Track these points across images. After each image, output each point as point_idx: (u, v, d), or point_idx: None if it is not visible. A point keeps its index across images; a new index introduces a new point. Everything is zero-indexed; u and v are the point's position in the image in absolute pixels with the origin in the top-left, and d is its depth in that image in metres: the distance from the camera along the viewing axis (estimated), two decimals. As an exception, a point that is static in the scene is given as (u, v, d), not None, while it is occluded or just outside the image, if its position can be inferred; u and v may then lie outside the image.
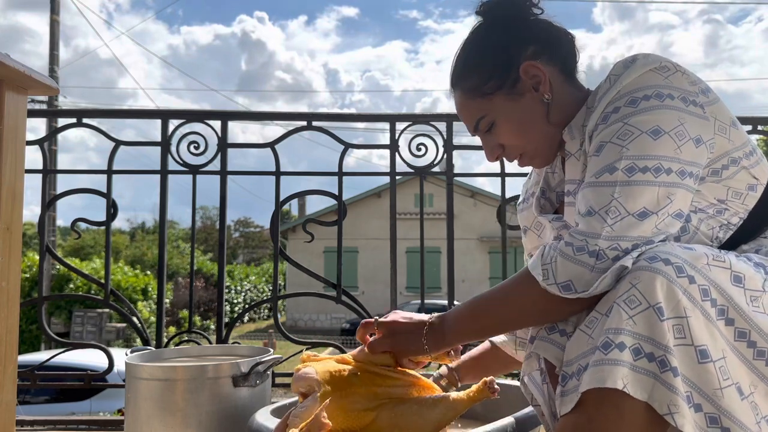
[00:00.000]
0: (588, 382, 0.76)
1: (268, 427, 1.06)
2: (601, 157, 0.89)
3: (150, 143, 2.03)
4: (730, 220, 0.94)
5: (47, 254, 1.98)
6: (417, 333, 1.01)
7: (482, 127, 1.06)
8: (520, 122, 1.03)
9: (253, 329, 19.80)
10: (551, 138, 1.05)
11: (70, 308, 11.69)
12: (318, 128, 2.01)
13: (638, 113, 0.89)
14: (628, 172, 0.86)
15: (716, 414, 0.74)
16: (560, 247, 0.87)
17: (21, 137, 1.09)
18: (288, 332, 1.99)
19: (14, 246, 1.06)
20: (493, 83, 1.02)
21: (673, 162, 0.86)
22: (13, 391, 1.06)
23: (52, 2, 12.30)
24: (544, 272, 0.87)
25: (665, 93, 0.89)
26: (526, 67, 1.01)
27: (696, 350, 0.75)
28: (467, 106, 1.07)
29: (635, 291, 0.77)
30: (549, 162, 1.10)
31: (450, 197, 2.04)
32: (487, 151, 1.09)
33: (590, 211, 0.87)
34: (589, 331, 0.82)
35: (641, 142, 0.87)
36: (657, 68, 0.92)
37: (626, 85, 0.92)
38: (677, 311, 0.76)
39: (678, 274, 0.77)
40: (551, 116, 1.03)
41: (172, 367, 1.28)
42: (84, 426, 1.94)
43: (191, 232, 2.12)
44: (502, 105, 1.03)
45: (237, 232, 40.43)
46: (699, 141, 0.89)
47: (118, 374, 2.25)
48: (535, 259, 0.90)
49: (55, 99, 11.39)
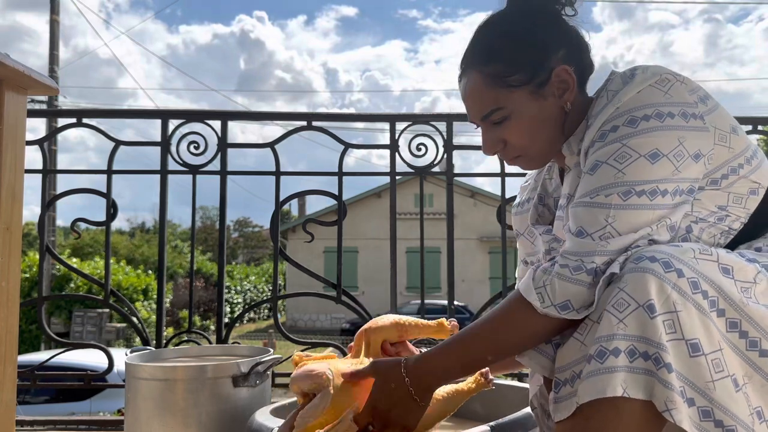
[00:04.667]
0: (588, 393, 0.76)
1: (268, 426, 1.06)
2: (596, 177, 0.87)
3: (150, 143, 2.03)
4: (732, 226, 0.93)
5: (47, 254, 1.98)
6: (398, 379, 0.92)
7: (494, 118, 0.99)
8: (535, 125, 0.99)
9: (253, 329, 19.80)
10: (554, 145, 1.02)
11: (70, 308, 11.68)
12: (318, 128, 2.01)
13: (637, 135, 0.86)
14: (624, 195, 0.84)
15: (709, 407, 0.74)
16: (556, 270, 0.85)
17: (21, 137, 1.09)
18: (288, 332, 1.99)
19: (14, 246, 1.06)
20: (520, 77, 0.96)
21: (670, 183, 0.86)
22: (13, 391, 1.06)
23: (52, 2, 12.29)
24: (539, 296, 0.85)
25: (665, 112, 0.87)
26: (560, 71, 0.97)
27: (687, 344, 0.75)
28: (483, 93, 0.99)
29: (623, 294, 0.77)
30: (540, 167, 1.08)
31: (450, 197, 2.04)
32: (486, 144, 1.03)
33: (581, 232, 0.86)
34: (581, 337, 0.81)
35: (639, 166, 0.85)
36: (657, 82, 0.90)
37: (625, 103, 0.90)
38: (668, 306, 0.75)
39: (666, 269, 0.77)
40: (565, 125, 1.00)
41: (172, 367, 1.28)
42: (84, 426, 1.94)
43: (191, 232, 2.12)
44: (523, 102, 0.97)
45: (236, 232, 40.44)
46: (698, 156, 0.88)
47: (118, 374, 2.25)
48: (527, 283, 0.87)
49: (55, 99, 11.38)
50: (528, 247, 1.16)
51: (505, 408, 1.14)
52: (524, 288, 0.87)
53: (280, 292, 5.42)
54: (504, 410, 1.09)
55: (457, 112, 2.00)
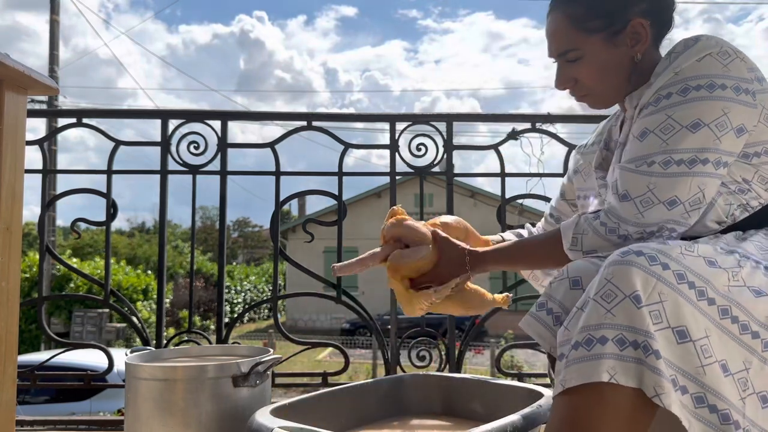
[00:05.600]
0: (575, 378, 0.78)
1: (268, 426, 1.06)
2: (643, 145, 0.95)
3: (150, 143, 2.03)
4: (750, 202, 0.97)
5: (47, 254, 1.98)
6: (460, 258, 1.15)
7: (569, 57, 1.08)
8: (604, 69, 1.07)
9: (253, 329, 19.79)
10: (620, 92, 1.09)
11: (70, 308, 11.68)
12: (318, 128, 2.01)
13: (684, 104, 0.93)
14: (664, 165, 0.92)
15: (701, 392, 0.75)
16: (595, 225, 0.96)
17: (21, 137, 1.09)
18: (288, 332, 1.99)
19: (14, 246, 1.06)
20: (598, 23, 1.04)
21: (710, 152, 0.91)
22: (13, 391, 1.06)
23: (52, 2, 12.28)
24: (573, 240, 0.99)
25: (718, 83, 0.92)
26: (636, 23, 1.04)
27: (674, 332, 0.77)
28: (563, 32, 1.08)
29: (610, 285, 0.79)
30: (606, 107, 1.15)
31: (450, 197, 2.04)
32: (560, 79, 1.12)
33: (626, 195, 0.94)
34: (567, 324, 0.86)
35: (681, 137, 0.92)
36: (717, 53, 0.94)
37: (684, 69, 0.95)
38: (653, 297, 0.78)
39: (651, 263, 0.80)
40: (633, 76, 1.07)
41: (172, 367, 1.28)
42: (84, 426, 1.94)
43: (191, 232, 2.12)
44: (597, 47, 1.05)
45: (236, 232, 40.43)
46: (741, 130, 0.93)
47: (118, 374, 2.25)
48: (569, 224, 1.00)
49: (55, 99, 11.38)
50: (581, 183, 1.25)
51: (505, 408, 1.14)
52: (565, 227, 1.01)
53: (280, 292, 5.40)
54: (504, 410, 1.09)
55: (457, 112, 2.00)
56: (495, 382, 1.39)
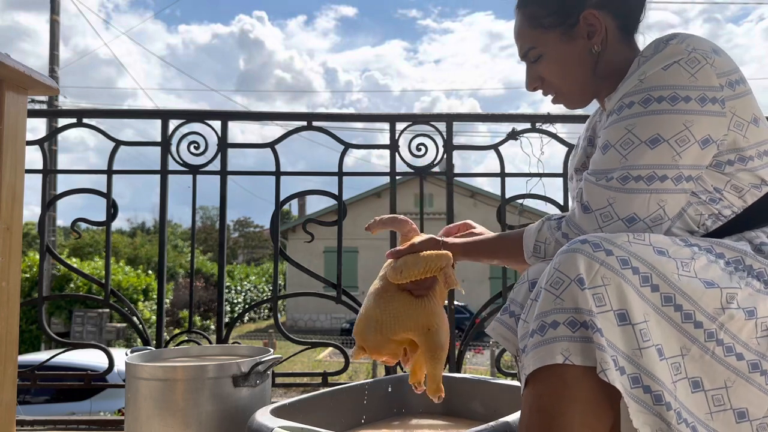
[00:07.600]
0: (532, 364, 0.80)
1: (268, 426, 1.06)
2: (605, 159, 0.94)
3: (150, 143, 2.03)
4: (722, 212, 0.95)
5: (47, 254, 1.98)
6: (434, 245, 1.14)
7: (531, 56, 1.10)
8: (564, 64, 1.08)
9: (253, 329, 19.79)
10: (589, 87, 1.09)
11: (70, 308, 11.68)
12: (318, 128, 2.01)
13: (645, 116, 0.92)
14: (622, 181, 0.91)
15: (637, 373, 0.77)
16: (557, 237, 0.97)
17: (21, 137, 1.09)
18: (288, 332, 1.99)
19: (14, 246, 1.06)
20: (552, 19, 1.06)
21: (668, 169, 0.90)
22: (13, 391, 1.06)
23: (52, 2, 12.28)
24: (536, 248, 1.00)
25: (681, 95, 0.90)
26: (587, 14, 1.04)
27: (615, 314, 0.78)
28: (523, 32, 1.11)
29: (558, 273, 0.82)
30: (581, 106, 1.15)
31: (450, 197, 2.04)
32: (527, 80, 1.14)
33: (587, 207, 0.94)
34: (524, 317, 0.88)
35: (638, 153, 0.91)
36: (687, 61, 0.91)
37: (649, 77, 0.93)
38: (596, 281, 0.80)
39: (594, 249, 0.81)
40: (598, 68, 1.07)
41: (173, 367, 1.28)
42: (84, 426, 1.94)
43: (191, 232, 2.12)
44: (554, 43, 1.07)
45: (236, 232, 40.43)
46: (707, 141, 0.91)
47: (118, 374, 2.26)
48: (533, 231, 1.01)
49: (55, 99, 11.38)
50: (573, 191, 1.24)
51: (505, 408, 1.14)
52: (528, 234, 1.01)
53: (280, 292, 5.41)
54: (504, 410, 1.09)
55: (457, 112, 2.00)
56: (495, 382, 1.39)
